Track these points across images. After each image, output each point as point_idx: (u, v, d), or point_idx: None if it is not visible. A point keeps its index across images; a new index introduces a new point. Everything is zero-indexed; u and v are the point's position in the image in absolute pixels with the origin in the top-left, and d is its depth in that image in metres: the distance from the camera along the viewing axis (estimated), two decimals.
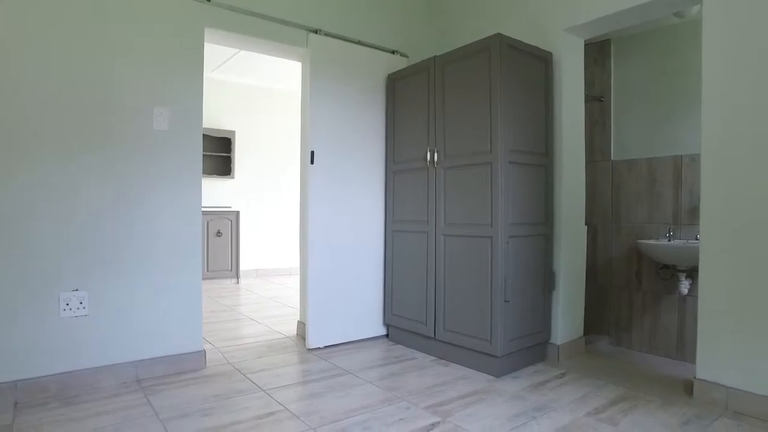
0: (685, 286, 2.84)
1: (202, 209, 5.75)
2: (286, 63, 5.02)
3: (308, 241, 3.01)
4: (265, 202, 6.69)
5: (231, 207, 6.23)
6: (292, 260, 6.70)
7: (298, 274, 3.42)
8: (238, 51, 5.11)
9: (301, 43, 3.05)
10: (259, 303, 4.64)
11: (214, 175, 6.18)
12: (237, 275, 5.96)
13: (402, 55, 3.45)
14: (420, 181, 2.99)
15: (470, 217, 2.65)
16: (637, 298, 3.15)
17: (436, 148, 2.86)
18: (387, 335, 3.33)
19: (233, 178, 6.33)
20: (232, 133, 6.30)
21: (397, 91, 3.21)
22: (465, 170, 2.69)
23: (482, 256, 2.56)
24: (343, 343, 3.15)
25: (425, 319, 2.93)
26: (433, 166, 2.88)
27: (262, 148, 6.66)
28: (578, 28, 2.81)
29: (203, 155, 5.99)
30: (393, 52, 3.41)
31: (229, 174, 6.29)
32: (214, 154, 6.18)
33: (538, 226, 2.73)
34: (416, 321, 3.00)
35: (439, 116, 2.85)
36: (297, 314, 3.91)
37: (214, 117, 6.20)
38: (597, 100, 3.37)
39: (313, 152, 3.00)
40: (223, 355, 2.88)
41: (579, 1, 2.75)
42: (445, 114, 2.81)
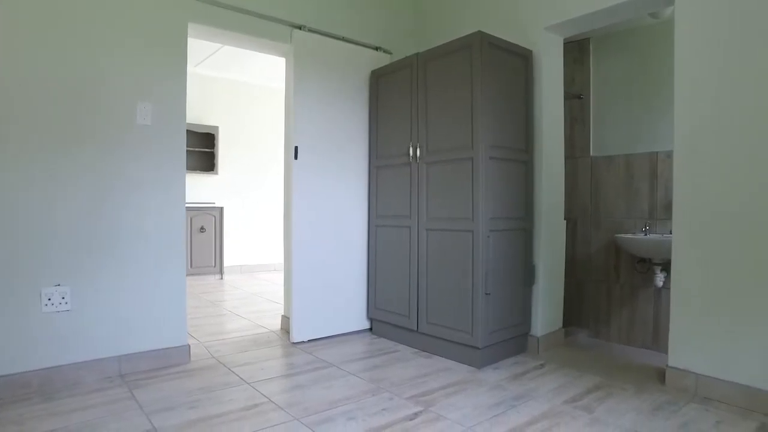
0: (660, 279, 2.93)
1: (186, 205, 5.74)
2: (270, 59, 5.00)
3: (292, 235, 3.03)
4: (249, 198, 6.67)
5: (215, 203, 6.20)
6: (277, 256, 6.70)
7: (282, 270, 3.44)
8: (222, 46, 5.09)
9: (285, 39, 3.06)
10: (244, 298, 4.65)
11: (198, 171, 6.15)
12: (221, 271, 5.94)
13: (385, 52, 3.48)
14: (403, 177, 3.03)
15: (452, 212, 2.69)
16: (615, 291, 3.23)
17: (419, 144, 2.90)
18: (370, 329, 3.37)
19: (217, 174, 6.30)
20: (216, 128, 6.26)
21: (381, 88, 3.24)
22: (447, 165, 2.73)
23: (464, 250, 2.62)
24: (327, 337, 3.18)
25: (408, 313, 2.97)
26: (416, 161, 2.92)
27: (247, 144, 6.63)
28: (558, 27, 2.87)
29: (187, 151, 5.98)
30: (376, 49, 3.44)
31: (213, 170, 6.26)
32: (197, 149, 6.14)
33: (518, 221, 2.79)
34: (399, 314, 3.04)
35: (422, 112, 2.89)
36: (281, 309, 3.92)
37: (198, 112, 6.16)
38: (577, 98, 3.44)
39: (297, 148, 3.02)
40: (208, 350, 2.89)
41: (558, 1, 2.81)
42: (428, 110, 2.85)
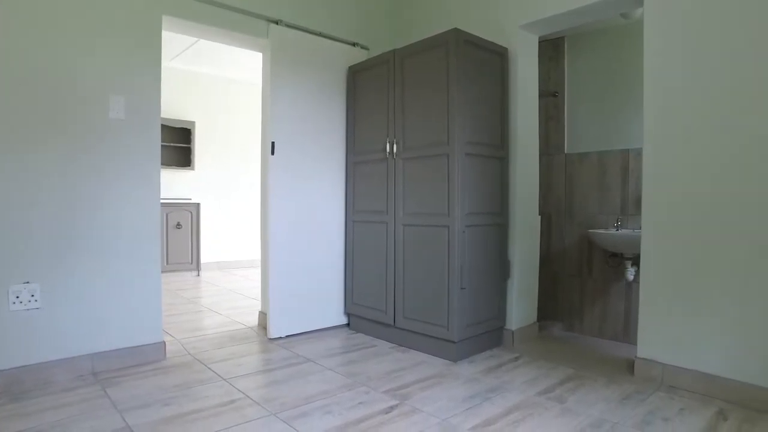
0: (631, 273, 3.01)
1: (162, 201, 5.68)
2: (249, 53, 4.96)
3: (269, 231, 3.02)
4: (226, 194, 6.60)
5: (191, 199, 6.13)
6: (255, 252, 6.64)
7: (260, 266, 3.42)
8: (198, 40, 5.02)
9: (261, 34, 3.04)
10: (221, 295, 4.61)
11: (174, 166, 6.06)
12: (198, 268, 5.88)
13: (363, 48, 3.48)
14: (380, 172, 3.04)
15: (428, 207, 2.72)
16: (588, 285, 3.31)
17: (396, 140, 2.91)
18: (348, 324, 3.39)
19: (193, 169, 6.22)
20: (192, 123, 6.18)
21: (358, 83, 3.25)
22: (423, 161, 2.75)
23: (440, 246, 2.64)
24: (305, 333, 3.19)
25: (385, 308, 2.99)
26: (393, 157, 2.93)
27: (224, 139, 6.56)
28: (532, 25, 2.91)
29: (162, 146, 5.89)
30: (354, 45, 3.44)
31: (189, 165, 6.18)
32: (173, 144, 6.06)
33: (493, 216, 2.83)
34: (376, 309, 3.06)
35: (399, 108, 2.90)
36: (258, 305, 3.91)
37: (174, 107, 6.07)
38: (552, 96, 3.50)
39: (273, 143, 3.00)
40: (184, 347, 2.87)
41: (532, 0, 2.85)
42: (405, 106, 2.87)
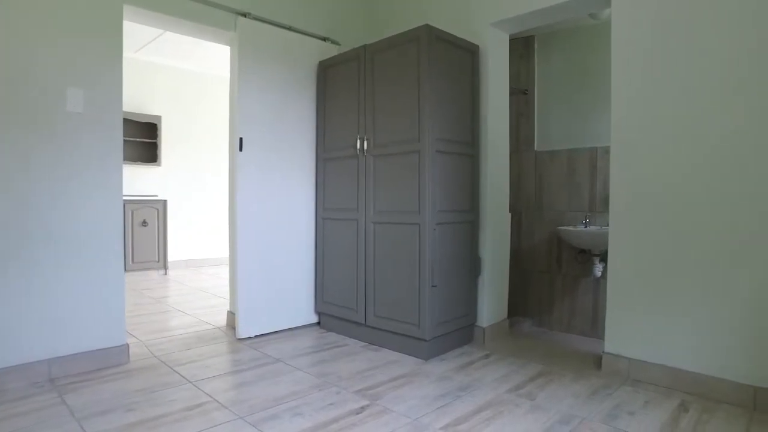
0: (598, 270, 3.06)
1: (127, 198, 5.51)
2: (217, 46, 4.84)
3: (237, 229, 2.95)
4: (195, 190, 6.45)
5: (158, 195, 5.96)
6: (224, 250, 6.52)
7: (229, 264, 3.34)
8: (163, 32, 4.87)
9: (229, 27, 2.96)
10: (188, 294, 4.50)
11: (140, 162, 5.88)
12: (165, 266, 5.73)
13: (333, 43, 3.43)
14: (350, 169, 3.00)
15: (399, 205, 2.70)
16: (558, 281, 3.35)
17: (366, 136, 2.88)
18: (318, 323, 3.35)
19: (160, 165, 6.04)
20: (159, 118, 6.00)
21: (328, 79, 3.20)
22: (394, 158, 2.73)
23: (411, 243, 2.63)
24: (274, 332, 3.13)
25: (356, 306, 2.97)
26: (363, 154, 2.90)
27: (192, 135, 6.40)
28: (503, 23, 2.92)
29: (127, 141, 5.73)
30: (324, 40, 3.39)
31: (156, 161, 6.00)
32: (139, 140, 5.87)
33: (464, 214, 2.83)
34: (347, 308, 3.03)
35: (369, 105, 2.87)
36: (227, 304, 3.82)
37: (139, 101, 5.88)
38: (522, 93, 3.52)
39: (241, 139, 2.93)
40: (149, 349, 2.78)
41: None
42: (375, 102, 2.84)
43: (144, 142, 5.95)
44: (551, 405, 2.03)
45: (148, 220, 5.60)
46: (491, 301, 3.02)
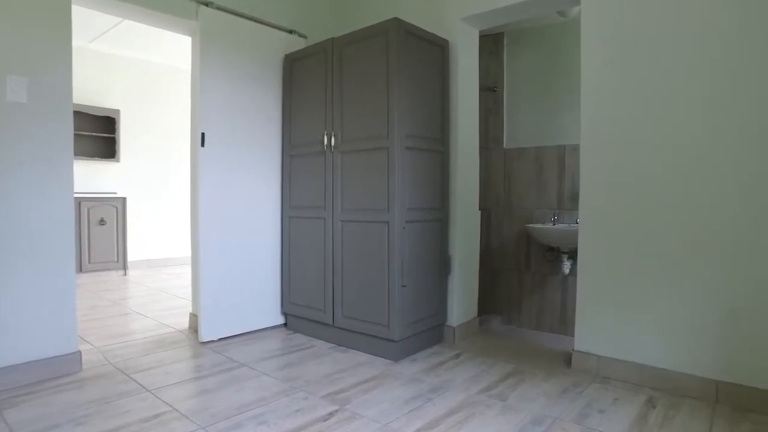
0: (566, 267, 3.08)
1: (83, 195, 5.25)
2: (182, 37, 4.65)
3: (199, 227, 2.82)
4: (156, 187, 6.21)
5: (117, 193, 5.70)
6: (188, 249, 6.30)
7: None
8: (122, 20, 4.64)
9: (190, 16, 2.82)
10: (149, 295, 4.32)
11: (97, 158, 5.60)
12: (125, 266, 5.49)
13: (300, 36, 3.33)
14: (317, 166, 2.92)
15: (367, 202, 2.63)
16: (527, 278, 3.36)
17: (334, 132, 2.80)
18: (285, 324, 3.25)
19: (119, 161, 5.78)
20: (117, 112, 5.73)
21: (295, 73, 3.10)
22: (362, 155, 2.66)
23: (379, 242, 2.57)
24: (239, 335, 3.02)
25: (323, 306, 2.89)
26: (331, 150, 2.82)
27: (153, 129, 6.15)
28: (473, 19, 2.89)
29: (83, 136, 5.45)
30: (291, 32, 3.28)
31: (114, 157, 5.74)
32: (96, 134, 5.60)
33: (434, 211, 2.79)
34: (314, 308, 2.95)
35: (337, 99, 2.79)
36: (190, 306, 3.68)
37: (96, 93, 5.61)
38: (491, 90, 3.50)
39: (203, 134, 2.81)
40: (104, 356, 2.63)
41: None
42: (343, 97, 2.76)
43: (101, 136, 5.68)
44: (523, 405, 2.01)
45: (106, 219, 5.36)
46: (461, 300, 2.99)
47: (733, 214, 2.02)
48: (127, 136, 5.88)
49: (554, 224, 3.13)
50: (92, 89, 5.54)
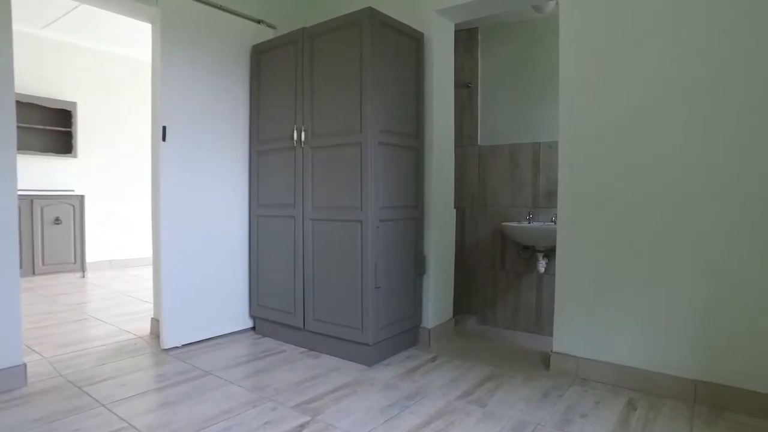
0: (542, 266, 3.03)
1: (35, 193, 4.94)
2: (146, 26, 4.42)
3: (161, 226, 2.65)
4: (117, 185, 5.92)
5: (74, 190, 5.41)
6: (151, 249, 6.05)
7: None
8: (77, 5, 4.37)
9: (150, 1, 2.64)
10: (109, 299, 4.09)
11: (51, 153, 5.30)
12: (83, 268, 5.21)
13: (269, 26, 3.17)
14: (286, 162, 2.78)
15: (339, 201, 2.52)
16: (502, 277, 3.30)
17: (304, 127, 2.67)
18: (254, 328, 3.10)
19: (76, 157, 5.48)
20: (74, 104, 5.43)
21: (263, 65, 2.95)
22: (334, 150, 2.54)
23: (352, 241, 2.46)
24: (204, 340, 2.86)
25: (294, 309, 2.76)
26: (301, 145, 2.69)
27: (114, 124, 5.86)
28: (449, 11, 2.80)
29: (35, 129, 5.14)
30: (259, 22, 3.12)
31: (71, 152, 5.44)
32: (50, 128, 5.28)
33: (408, 210, 2.69)
34: (284, 311, 2.82)
35: (307, 92, 2.66)
36: (152, 310, 3.49)
37: (50, 85, 5.29)
38: (465, 86, 3.43)
39: (165, 128, 2.63)
40: (54, 367, 2.43)
41: None
42: (314, 90, 2.63)
43: (56, 130, 5.38)
44: (503, 411, 1.94)
45: (62, 218, 5.07)
46: (436, 301, 2.91)
47: (709, 212, 2.00)
48: (85, 131, 5.58)
49: (530, 222, 3.08)
50: (46, 80, 5.23)
